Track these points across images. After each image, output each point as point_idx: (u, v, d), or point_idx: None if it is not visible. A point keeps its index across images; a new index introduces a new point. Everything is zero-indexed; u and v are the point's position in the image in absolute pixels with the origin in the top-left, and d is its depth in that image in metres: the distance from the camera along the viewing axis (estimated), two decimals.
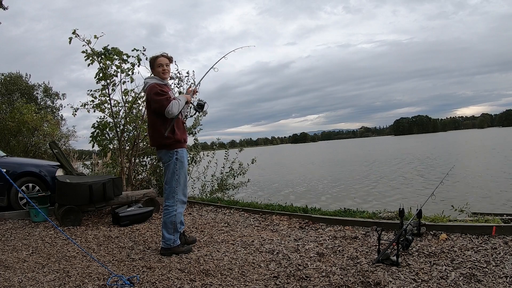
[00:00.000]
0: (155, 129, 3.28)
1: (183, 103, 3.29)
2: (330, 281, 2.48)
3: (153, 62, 3.39)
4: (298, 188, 13.68)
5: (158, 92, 3.21)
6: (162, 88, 3.27)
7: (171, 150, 3.27)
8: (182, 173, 3.31)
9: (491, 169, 14.64)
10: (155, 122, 3.28)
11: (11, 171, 5.50)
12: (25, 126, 10.71)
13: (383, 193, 11.18)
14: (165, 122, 3.22)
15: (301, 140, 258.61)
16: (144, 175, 6.72)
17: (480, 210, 4.94)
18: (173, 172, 3.28)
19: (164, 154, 3.30)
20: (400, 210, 3.09)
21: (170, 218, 3.27)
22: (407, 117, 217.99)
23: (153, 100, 3.22)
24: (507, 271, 2.40)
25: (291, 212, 4.60)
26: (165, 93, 3.24)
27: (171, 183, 3.29)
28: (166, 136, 3.20)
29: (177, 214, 3.29)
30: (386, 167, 19.59)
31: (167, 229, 3.28)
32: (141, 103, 6.21)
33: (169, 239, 3.27)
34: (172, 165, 3.27)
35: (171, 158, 3.27)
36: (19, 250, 3.57)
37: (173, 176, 3.28)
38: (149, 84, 3.33)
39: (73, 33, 5.28)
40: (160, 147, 3.32)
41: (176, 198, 3.30)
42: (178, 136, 3.27)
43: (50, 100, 18.25)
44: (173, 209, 3.29)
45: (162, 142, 3.25)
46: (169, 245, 3.27)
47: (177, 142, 3.27)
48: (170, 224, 3.27)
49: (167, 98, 3.19)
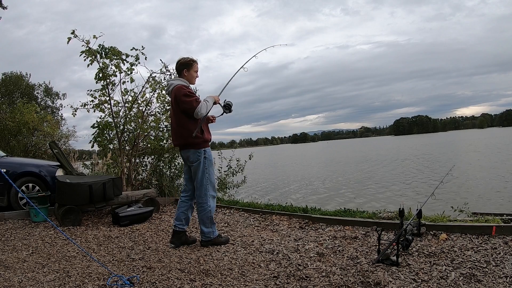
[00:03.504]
0: (183, 129, 3.36)
1: (211, 104, 3.38)
2: (330, 281, 2.48)
3: (189, 66, 3.47)
4: (299, 188, 13.68)
5: (187, 94, 3.32)
6: (190, 90, 3.41)
7: (199, 150, 3.38)
8: (211, 171, 3.48)
9: (491, 169, 14.64)
10: (183, 122, 3.35)
11: (11, 171, 5.50)
12: (25, 126, 10.71)
13: (383, 193, 11.18)
14: (194, 123, 3.33)
15: (301, 140, 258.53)
16: (144, 175, 6.72)
17: (480, 210, 4.94)
18: (203, 170, 3.41)
19: (192, 153, 3.39)
20: (400, 210, 3.09)
21: (206, 214, 3.44)
22: (407, 117, 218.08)
23: (182, 101, 3.30)
24: (507, 271, 2.40)
25: (291, 212, 4.60)
26: (194, 95, 3.38)
27: (202, 181, 3.42)
28: (195, 136, 3.31)
29: (211, 209, 3.46)
30: (386, 167, 19.59)
31: (205, 223, 3.45)
32: (141, 102, 6.22)
33: (208, 232, 3.45)
34: (201, 164, 3.40)
35: (199, 157, 3.39)
36: (19, 250, 3.57)
37: (204, 174, 3.41)
38: (175, 85, 3.40)
39: (72, 33, 5.29)
40: (187, 147, 3.40)
41: (208, 194, 3.45)
42: (205, 136, 3.42)
43: (50, 100, 18.28)
44: (207, 205, 3.44)
45: (190, 141, 3.35)
46: (209, 237, 3.45)
47: (205, 141, 3.41)
48: (207, 219, 3.44)
49: (196, 100, 3.31)
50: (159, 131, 6.53)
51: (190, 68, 3.48)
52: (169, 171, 6.72)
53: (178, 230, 3.52)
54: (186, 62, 3.47)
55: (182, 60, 3.48)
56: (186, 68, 3.48)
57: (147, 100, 6.19)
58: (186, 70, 3.48)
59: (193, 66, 3.49)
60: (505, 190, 10.06)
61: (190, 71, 3.48)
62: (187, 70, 3.48)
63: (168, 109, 6.63)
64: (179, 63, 3.49)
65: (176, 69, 3.54)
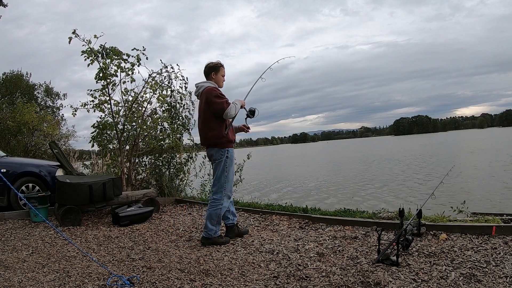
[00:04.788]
0: (211, 129, 3.52)
1: (239, 107, 3.56)
2: (330, 281, 2.48)
3: (217, 69, 3.66)
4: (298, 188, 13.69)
5: (219, 95, 3.50)
6: (221, 92, 3.57)
7: (223, 149, 3.53)
8: (231, 170, 3.60)
9: (492, 169, 14.63)
10: (211, 123, 3.52)
11: (11, 171, 5.51)
12: (25, 126, 10.71)
13: (383, 193, 11.18)
14: (222, 123, 3.52)
15: (301, 140, 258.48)
16: (144, 175, 6.72)
17: (480, 210, 4.94)
18: (223, 169, 3.54)
19: (216, 152, 3.54)
20: (400, 210, 3.09)
21: (216, 211, 3.53)
22: (407, 117, 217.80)
23: (213, 102, 3.45)
24: (507, 271, 2.40)
25: (291, 212, 4.60)
26: (224, 96, 3.54)
27: (220, 178, 3.54)
28: (222, 135, 3.49)
29: (222, 208, 3.55)
30: (386, 166, 19.59)
31: (211, 220, 3.52)
32: (141, 102, 6.22)
33: (211, 229, 3.52)
34: (223, 162, 3.53)
35: (222, 156, 3.53)
36: (19, 250, 3.57)
37: (223, 172, 3.54)
38: (206, 87, 3.57)
39: (73, 33, 5.29)
40: (213, 145, 3.56)
41: (224, 193, 3.55)
42: (229, 136, 3.57)
43: (50, 100, 18.27)
44: (219, 203, 3.54)
45: (217, 141, 3.52)
46: (210, 235, 3.52)
47: (229, 141, 3.57)
48: (215, 216, 3.53)
49: (227, 101, 3.47)
50: (159, 131, 6.53)
51: (217, 72, 3.66)
52: (168, 171, 6.72)
53: (229, 225, 3.72)
54: (214, 66, 3.66)
55: (210, 64, 3.66)
56: (214, 71, 3.65)
57: (147, 100, 6.19)
58: (214, 73, 3.66)
59: (221, 70, 3.68)
60: (505, 190, 10.06)
61: (218, 74, 3.67)
62: (215, 73, 3.66)
63: (168, 109, 6.66)
64: (208, 67, 3.66)
65: (204, 72, 3.69)
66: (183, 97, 6.68)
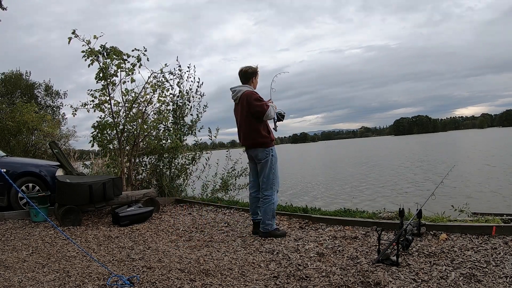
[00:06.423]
0: (253, 130, 3.71)
1: (275, 109, 3.78)
2: (330, 281, 2.48)
3: (256, 74, 3.87)
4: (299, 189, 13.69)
5: (258, 98, 3.69)
6: (260, 95, 3.75)
7: (267, 148, 3.72)
8: (277, 167, 3.79)
9: (492, 169, 14.63)
10: (252, 124, 3.70)
11: (11, 171, 5.50)
12: (25, 126, 10.71)
13: (383, 193, 11.18)
14: (262, 124, 3.72)
15: (301, 140, 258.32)
16: (144, 175, 6.72)
17: (480, 210, 4.93)
18: (270, 167, 3.72)
19: (260, 152, 3.72)
20: (400, 210, 3.09)
21: (270, 206, 3.69)
22: (407, 117, 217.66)
23: (254, 105, 3.64)
24: (507, 271, 2.40)
25: (291, 212, 4.60)
26: (263, 99, 3.73)
27: (269, 176, 3.72)
28: (265, 135, 3.69)
29: (274, 202, 3.74)
30: (386, 166, 19.59)
31: (267, 215, 3.68)
32: (141, 102, 6.21)
33: (268, 224, 3.68)
34: (269, 161, 3.71)
35: (268, 155, 3.72)
36: (19, 250, 3.57)
37: (271, 170, 3.72)
38: (246, 91, 3.74)
39: (73, 33, 5.28)
40: (256, 146, 3.74)
41: (274, 188, 3.74)
42: (272, 136, 3.78)
43: (50, 99, 18.25)
44: (271, 198, 3.71)
45: (260, 141, 3.71)
46: (267, 229, 3.68)
47: (272, 141, 3.78)
48: (270, 211, 3.69)
49: (266, 104, 3.68)
50: (161, 131, 6.54)
51: (257, 76, 3.89)
52: (169, 171, 6.71)
53: (257, 221, 3.84)
54: (255, 70, 3.86)
55: (251, 70, 3.83)
56: (254, 76, 3.86)
57: (147, 100, 6.18)
58: (254, 77, 3.86)
59: (257, 75, 3.89)
60: (505, 190, 10.05)
61: (257, 78, 3.90)
62: (255, 77, 3.87)
63: (174, 109, 6.67)
64: (250, 72, 3.82)
65: (245, 77, 3.84)
66: (192, 98, 6.78)
